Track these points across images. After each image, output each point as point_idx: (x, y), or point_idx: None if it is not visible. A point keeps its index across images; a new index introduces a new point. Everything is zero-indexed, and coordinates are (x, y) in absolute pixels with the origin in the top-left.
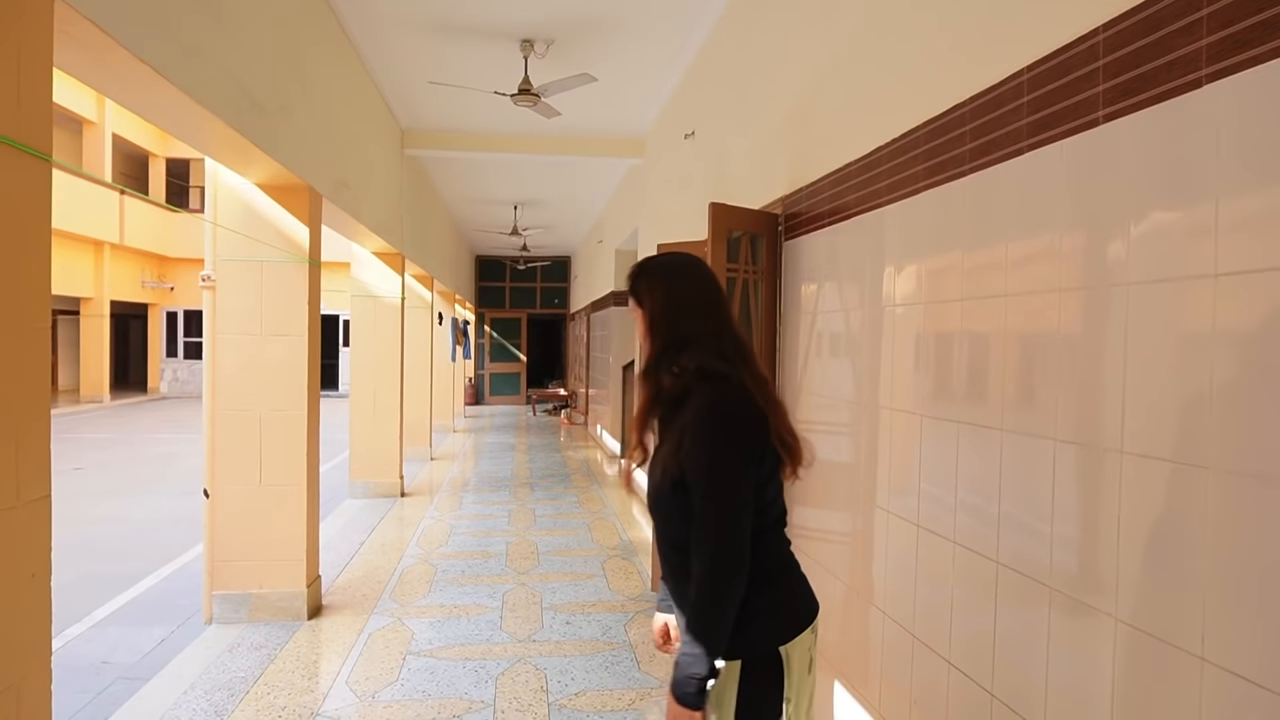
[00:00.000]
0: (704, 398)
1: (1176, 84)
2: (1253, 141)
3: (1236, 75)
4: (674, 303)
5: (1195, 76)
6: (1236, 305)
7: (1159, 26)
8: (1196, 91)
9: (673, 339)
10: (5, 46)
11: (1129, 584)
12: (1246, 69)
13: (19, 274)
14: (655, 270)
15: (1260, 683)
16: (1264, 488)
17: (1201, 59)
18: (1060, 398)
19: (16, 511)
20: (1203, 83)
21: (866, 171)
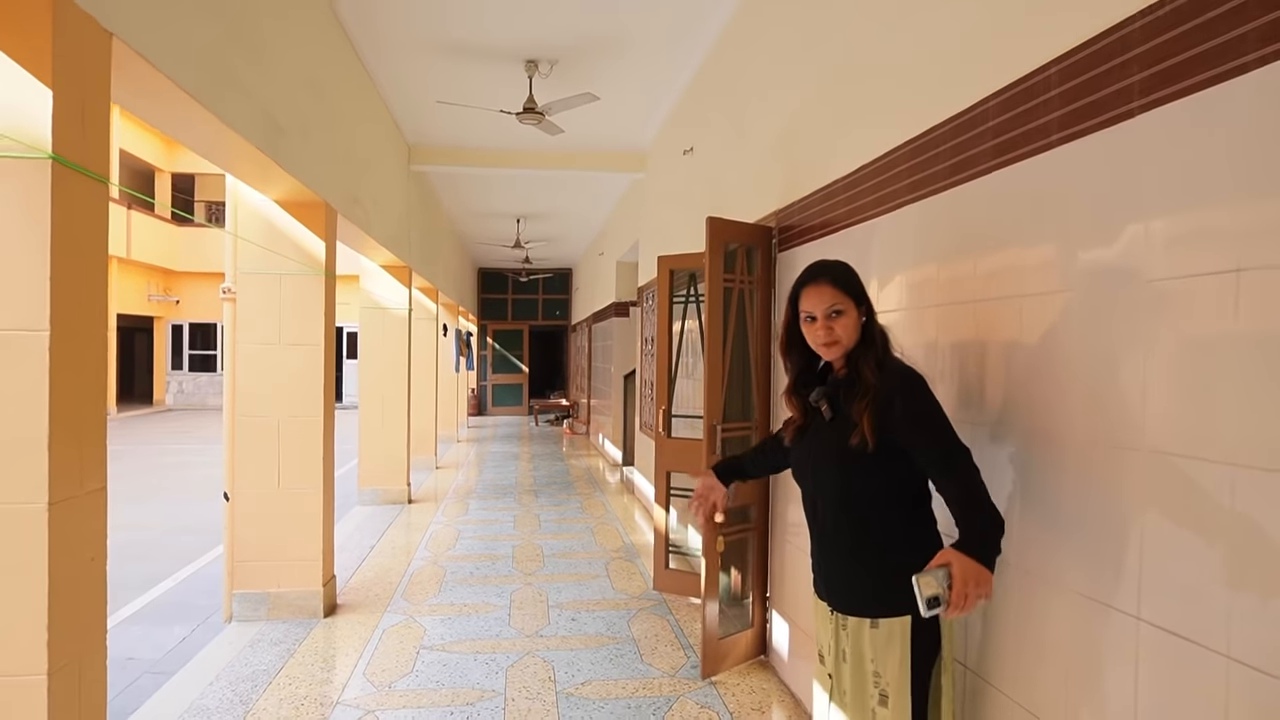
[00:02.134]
0: (905, 371)
1: (1119, 111)
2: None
3: (1164, 107)
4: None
5: (1128, 108)
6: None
7: (1102, 61)
8: (1129, 121)
9: (881, 332)
10: (73, 84)
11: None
12: (1170, 102)
13: (82, 286)
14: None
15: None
16: None
17: (1133, 93)
18: (1036, 389)
19: (79, 500)
20: (1134, 113)
21: (853, 187)
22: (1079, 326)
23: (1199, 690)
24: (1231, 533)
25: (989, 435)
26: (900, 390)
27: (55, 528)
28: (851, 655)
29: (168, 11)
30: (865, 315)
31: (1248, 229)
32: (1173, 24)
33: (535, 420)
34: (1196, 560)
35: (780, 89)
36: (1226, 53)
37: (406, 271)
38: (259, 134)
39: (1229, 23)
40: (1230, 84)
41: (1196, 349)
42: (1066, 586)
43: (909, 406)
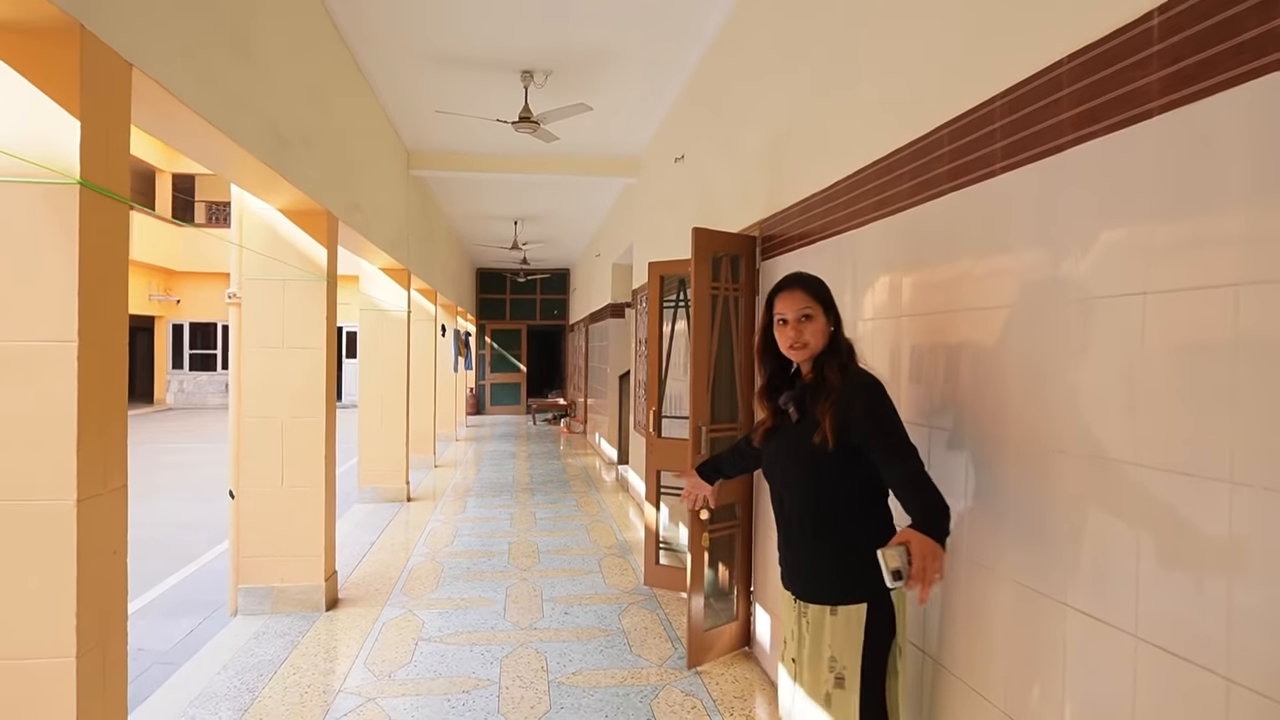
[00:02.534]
0: (867, 378)
1: (1048, 147)
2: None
3: (1099, 139)
4: (840, 318)
5: (1059, 142)
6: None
7: (1039, 98)
8: (1059, 156)
9: (845, 339)
10: (98, 113)
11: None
12: (1103, 135)
13: (105, 299)
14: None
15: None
16: None
17: (1063, 129)
18: (987, 393)
19: (104, 497)
20: (1065, 148)
21: (829, 201)
22: (1018, 338)
23: (1114, 668)
24: (1141, 528)
25: (947, 441)
26: (861, 394)
27: (83, 523)
28: (811, 641)
29: (181, 40)
30: (833, 325)
31: (1154, 254)
32: (1095, 69)
33: (533, 419)
34: (1111, 551)
35: (763, 103)
36: (1136, 99)
37: (405, 274)
38: (265, 148)
39: (1135, 73)
40: (1138, 126)
41: (1117, 361)
42: (1007, 576)
43: (869, 408)
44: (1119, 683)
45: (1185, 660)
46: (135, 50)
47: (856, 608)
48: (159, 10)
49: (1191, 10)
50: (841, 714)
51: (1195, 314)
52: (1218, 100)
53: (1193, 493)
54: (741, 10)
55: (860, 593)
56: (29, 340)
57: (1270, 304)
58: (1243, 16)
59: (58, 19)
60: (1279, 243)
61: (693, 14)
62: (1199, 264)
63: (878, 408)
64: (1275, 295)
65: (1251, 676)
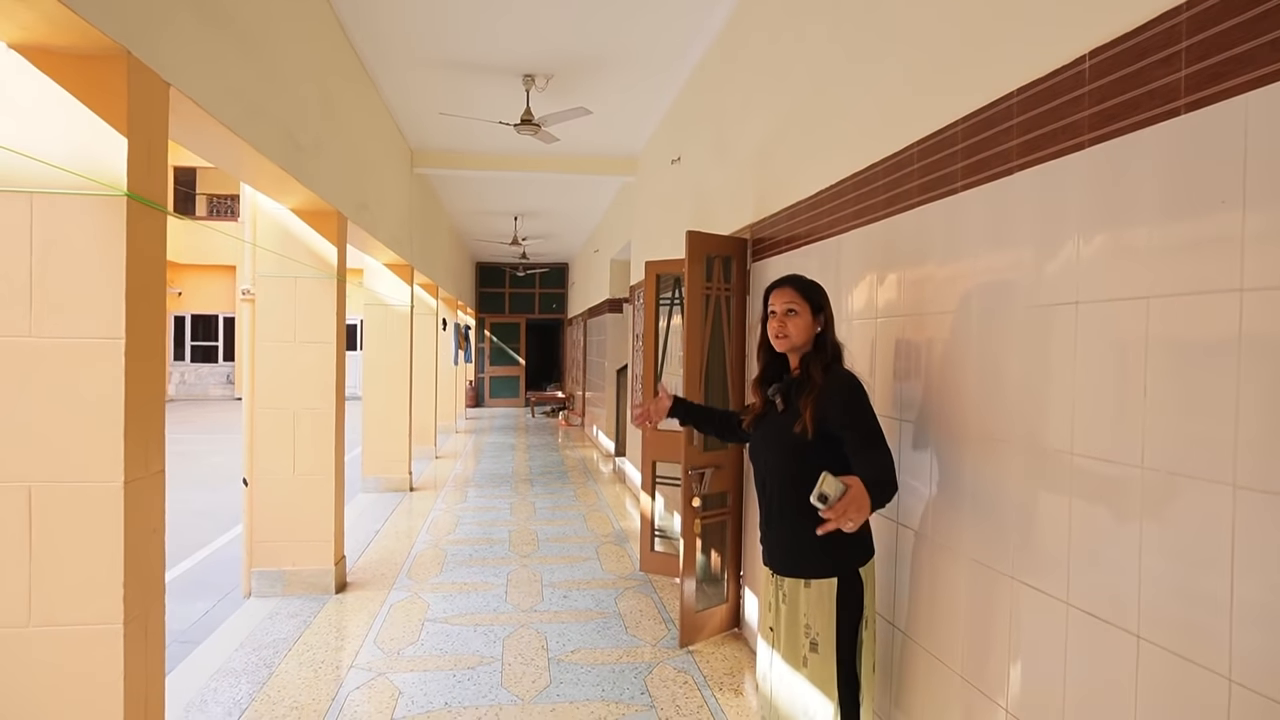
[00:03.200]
0: (849, 376)
1: (999, 170)
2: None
3: (1036, 167)
4: (832, 321)
5: (1007, 166)
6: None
7: (991, 126)
8: (1015, 175)
9: (834, 344)
10: (141, 130)
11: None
12: (1042, 163)
13: (148, 300)
14: (826, 293)
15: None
16: None
17: (1011, 155)
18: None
19: (145, 480)
20: (1013, 171)
21: (813, 209)
22: (975, 339)
23: (1051, 633)
24: (1073, 510)
25: (914, 433)
26: (841, 391)
27: (129, 503)
28: (788, 611)
29: (212, 60)
30: (821, 325)
31: (1083, 267)
32: (1037, 104)
33: (532, 412)
34: (1048, 530)
35: (754, 112)
36: (1068, 132)
37: (409, 269)
38: (281, 153)
39: (1068, 110)
40: (1070, 157)
41: (1057, 361)
42: (964, 554)
43: (847, 405)
44: (1055, 645)
45: (1106, 622)
46: (173, 71)
47: (828, 581)
48: (192, 32)
49: (1115, 58)
50: (817, 675)
51: (1117, 321)
52: (1134, 137)
53: (1112, 477)
54: (735, 20)
55: (832, 568)
56: (83, 337)
57: (1174, 313)
58: (1153, 67)
59: (108, 46)
60: (1182, 258)
61: (688, 25)
62: (1119, 276)
63: (854, 405)
64: (1179, 305)
65: (1160, 635)
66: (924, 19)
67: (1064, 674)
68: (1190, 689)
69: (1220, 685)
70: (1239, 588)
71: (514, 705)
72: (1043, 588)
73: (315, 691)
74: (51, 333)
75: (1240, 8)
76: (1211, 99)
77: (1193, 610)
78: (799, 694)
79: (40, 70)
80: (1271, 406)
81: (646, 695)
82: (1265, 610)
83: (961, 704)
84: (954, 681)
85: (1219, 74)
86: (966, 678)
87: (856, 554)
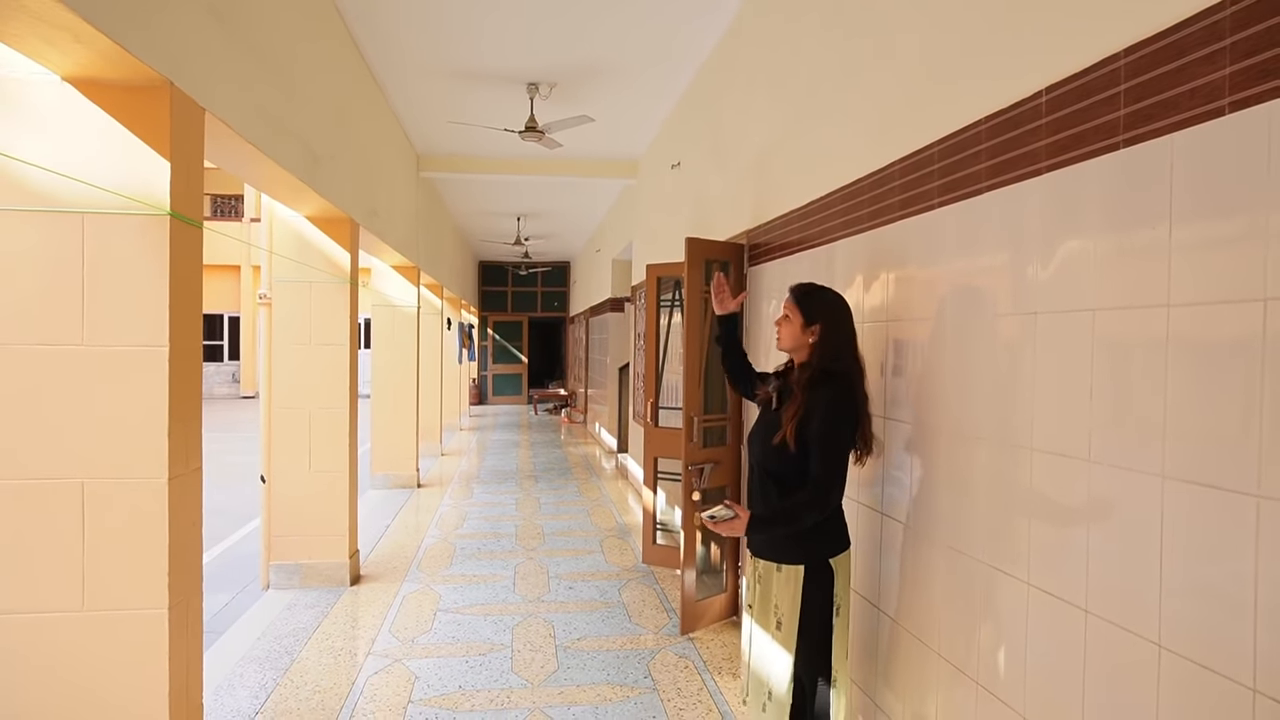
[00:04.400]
0: (832, 394)
1: (970, 190)
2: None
3: (1005, 190)
4: (844, 335)
5: (976, 187)
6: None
7: (963, 149)
8: (979, 197)
9: (832, 356)
10: (182, 153)
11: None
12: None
13: (187, 310)
14: (835, 305)
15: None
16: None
17: (981, 176)
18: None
19: (186, 477)
20: (981, 191)
21: (806, 218)
22: (950, 345)
23: (1015, 611)
24: (1031, 498)
25: (900, 432)
26: (816, 411)
27: (172, 497)
28: (761, 591)
29: (241, 83)
30: (814, 336)
31: (1043, 283)
32: (1004, 131)
33: (534, 410)
34: (1009, 516)
35: (752, 121)
36: (1028, 160)
37: (415, 271)
38: (300, 167)
39: (1028, 139)
40: (1029, 182)
41: (1019, 367)
42: (940, 542)
43: (816, 425)
44: (1018, 621)
45: (1060, 599)
46: (207, 95)
47: (796, 568)
48: (223, 58)
49: (1065, 95)
50: (779, 651)
51: (1069, 330)
52: (1083, 167)
53: (1064, 469)
54: (733, 31)
55: (801, 556)
56: (131, 345)
57: (1118, 324)
58: (1098, 105)
59: (153, 78)
60: (1122, 276)
61: (687, 36)
62: (1070, 291)
63: (823, 430)
64: (1123, 317)
65: (1107, 610)
66: (909, 44)
67: (1025, 643)
68: (1128, 655)
69: (1151, 651)
70: (1166, 565)
71: (524, 689)
72: (1010, 571)
73: (335, 676)
74: (101, 341)
75: (1167, 58)
76: (1143, 137)
77: (1128, 585)
78: (765, 664)
79: (91, 100)
80: (1194, 405)
81: (649, 679)
82: (1189, 582)
83: (938, 677)
84: (934, 661)
85: (1150, 115)
86: (947, 658)
87: (827, 545)
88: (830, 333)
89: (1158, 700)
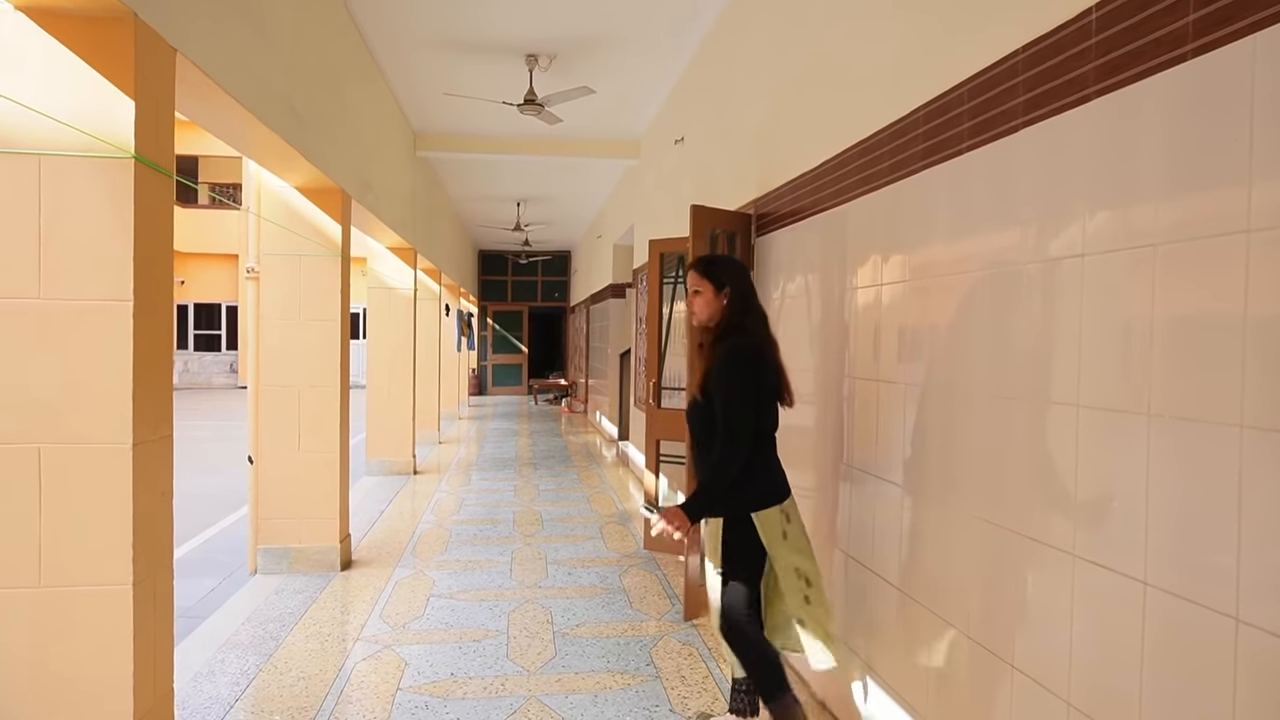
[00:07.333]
0: (733, 343)
1: (1006, 128)
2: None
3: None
4: (746, 291)
5: (1013, 123)
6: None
7: (997, 84)
8: (1017, 134)
9: (740, 311)
10: (149, 94)
11: None
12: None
13: (155, 263)
14: (734, 267)
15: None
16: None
17: (1018, 111)
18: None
19: (154, 443)
20: (1018, 129)
21: (818, 179)
22: (986, 302)
23: (1048, 581)
24: (1066, 460)
25: (919, 397)
26: (719, 359)
27: (137, 465)
28: (709, 536)
29: (216, 25)
30: (726, 299)
31: (1095, 223)
32: (1046, 58)
33: (534, 399)
34: (1045, 480)
35: (759, 85)
36: (1075, 86)
37: (412, 253)
38: (285, 126)
39: (1075, 63)
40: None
41: (1066, 316)
42: (970, 513)
43: (719, 373)
44: (1053, 593)
45: (1109, 569)
46: (178, 35)
47: (718, 521)
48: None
49: (1118, 9)
50: (712, 588)
51: (1131, 272)
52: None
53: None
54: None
55: (721, 512)
56: (92, 299)
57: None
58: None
59: (114, 8)
60: (1187, 208)
61: (693, 2)
62: (1127, 228)
63: (722, 375)
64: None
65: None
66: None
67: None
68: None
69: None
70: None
71: (520, 675)
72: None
73: (322, 663)
74: (60, 295)
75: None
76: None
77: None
78: (713, 597)
79: (47, 32)
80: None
81: (652, 666)
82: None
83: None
84: (960, 640)
85: (1225, 17)
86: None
87: (746, 501)
88: (738, 293)
89: (1235, 687)
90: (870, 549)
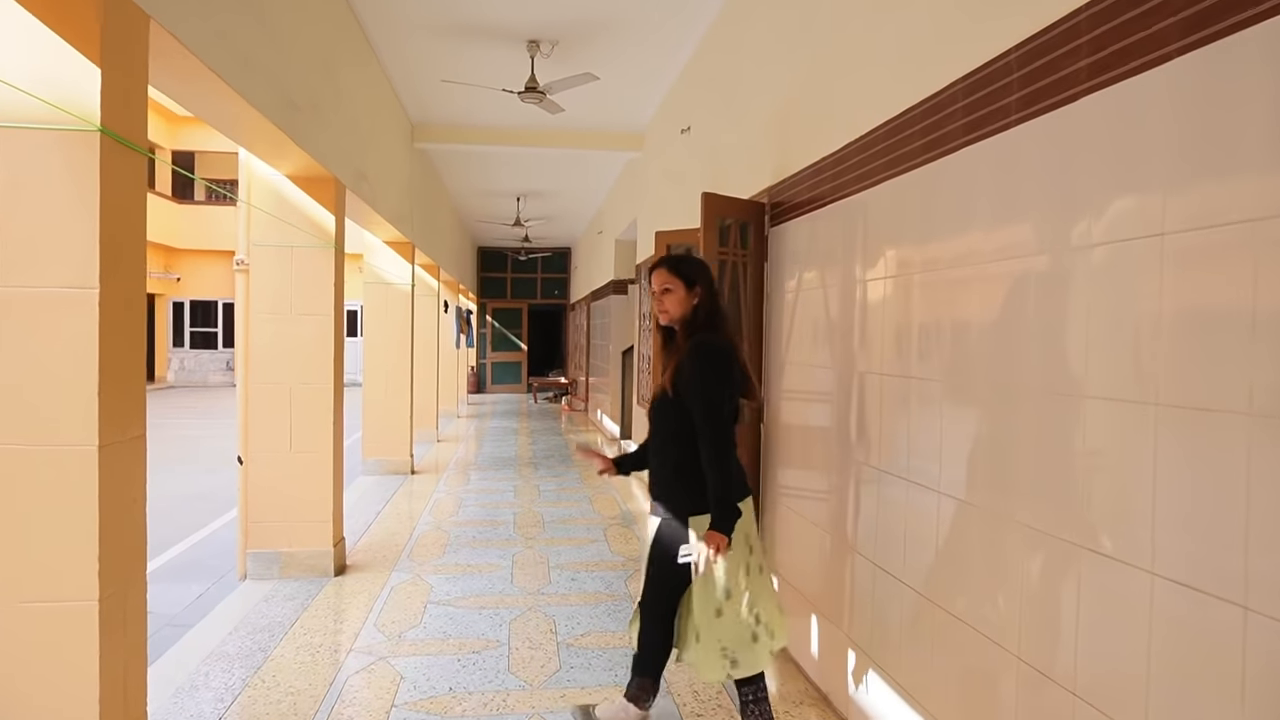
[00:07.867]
0: (702, 343)
1: (999, 126)
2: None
3: None
4: (713, 290)
5: (1076, 90)
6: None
7: (1054, 48)
8: (1080, 101)
9: (709, 309)
10: (118, 62)
11: None
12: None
13: (125, 248)
14: (701, 266)
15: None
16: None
17: (1081, 76)
18: (956, 350)
19: (124, 445)
20: (1080, 96)
21: (840, 163)
22: (1031, 295)
23: (1134, 613)
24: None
25: (939, 395)
26: (689, 356)
27: (104, 469)
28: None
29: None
30: (696, 298)
31: (1161, 203)
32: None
33: (534, 398)
34: (1119, 488)
35: (773, 69)
36: (1154, 43)
37: (410, 248)
38: (275, 111)
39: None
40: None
41: (1111, 313)
42: (1016, 520)
43: (689, 371)
44: (1131, 620)
45: (1155, 573)
46: (153, 2)
47: (655, 520)
48: None
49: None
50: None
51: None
52: None
53: None
54: None
55: (661, 512)
56: (53, 286)
57: None
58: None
59: None
60: None
61: None
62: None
63: (693, 373)
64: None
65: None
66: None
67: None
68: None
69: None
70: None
71: (522, 690)
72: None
73: (312, 676)
74: (16, 281)
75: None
76: None
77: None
78: None
79: None
80: None
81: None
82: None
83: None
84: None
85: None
86: (995, 641)
87: (681, 508)
88: (707, 291)
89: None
90: (901, 559)
